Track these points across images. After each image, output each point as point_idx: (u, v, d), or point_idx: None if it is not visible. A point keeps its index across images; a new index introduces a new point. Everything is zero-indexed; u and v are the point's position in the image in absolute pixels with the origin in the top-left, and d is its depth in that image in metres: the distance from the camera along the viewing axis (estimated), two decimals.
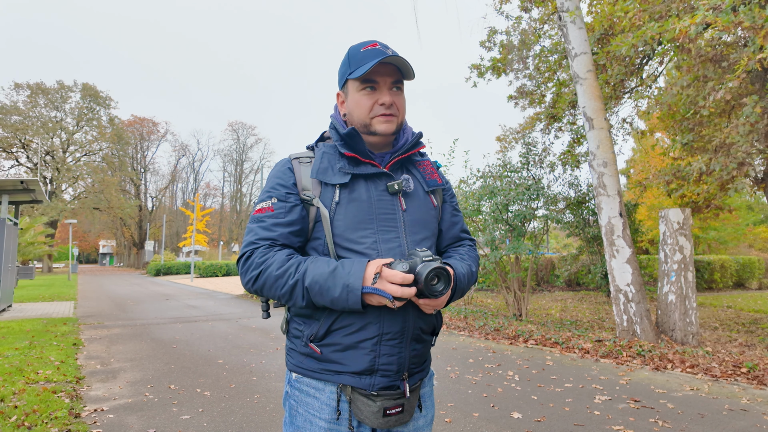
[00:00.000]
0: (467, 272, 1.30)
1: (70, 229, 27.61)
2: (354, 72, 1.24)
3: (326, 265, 1.12)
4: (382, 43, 1.25)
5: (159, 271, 31.30)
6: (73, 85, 40.56)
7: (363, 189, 1.24)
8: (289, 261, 1.15)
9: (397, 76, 1.26)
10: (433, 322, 1.30)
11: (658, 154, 16.67)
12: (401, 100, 1.29)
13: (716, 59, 6.71)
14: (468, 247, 1.43)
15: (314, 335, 1.19)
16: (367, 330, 1.16)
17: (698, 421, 3.66)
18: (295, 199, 1.24)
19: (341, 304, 1.10)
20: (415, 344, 1.23)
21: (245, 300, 13.83)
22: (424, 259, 1.11)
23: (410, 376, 1.23)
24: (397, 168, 1.32)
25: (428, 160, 1.40)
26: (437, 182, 1.36)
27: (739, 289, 17.33)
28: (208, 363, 5.64)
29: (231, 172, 57.92)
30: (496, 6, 10.57)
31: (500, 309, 10.30)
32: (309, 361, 1.22)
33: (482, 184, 9.17)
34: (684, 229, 6.52)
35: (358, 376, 1.17)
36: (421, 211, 1.29)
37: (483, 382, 4.79)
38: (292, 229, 1.21)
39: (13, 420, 3.45)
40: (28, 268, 26.04)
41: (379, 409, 1.16)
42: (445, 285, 1.12)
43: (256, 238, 1.20)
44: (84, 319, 9.42)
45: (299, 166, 1.28)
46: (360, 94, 1.26)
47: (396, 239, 1.22)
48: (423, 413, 1.31)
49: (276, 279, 1.13)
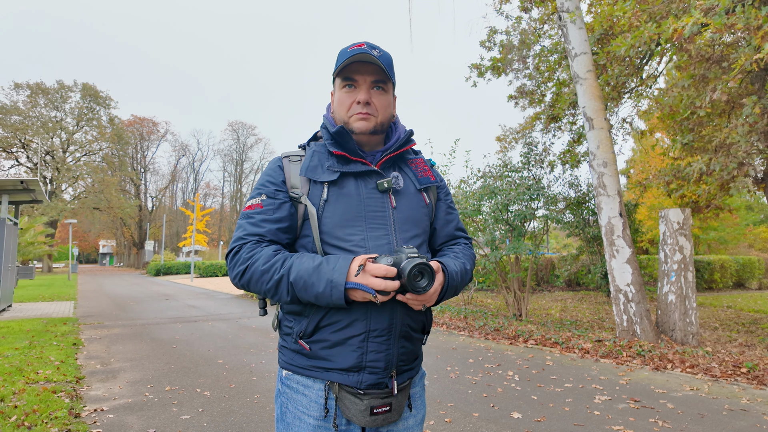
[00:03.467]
0: (460, 270, 1.29)
1: (70, 229, 27.62)
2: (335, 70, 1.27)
3: (311, 261, 1.13)
4: (370, 43, 1.26)
5: (159, 271, 31.29)
6: (73, 85, 40.58)
7: (352, 187, 1.24)
8: (275, 257, 1.16)
9: (380, 76, 1.26)
10: (422, 319, 1.29)
11: (658, 154, 16.67)
12: (382, 99, 1.29)
13: (716, 59, 6.71)
14: (463, 246, 1.43)
15: (303, 332, 1.20)
16: (354, 327, 1.17)
17: (698, 421, 3.66)
18: (283, 196, 1.25)
19: (325, 299, 1.10)
20: (403, 341, 1.23)
21: (245, 300, 13.82)
22: (410, 255, 1.12)
23: (399, 373, 1.23)
24: (388, 166, 1.33)
25: (421, 158, 1.40)
26: (430, 180, 1.36)
27: (739, 289, 17.33)
28: (208, 363, 5.64)
29: (231, 172, 57.98)
30: (496, 6, 10.57)
31: (500, 309, 10.30)
32: (299, 358, 1.23)
33: (482, 184, 9.17)
34: (684, 229, 6.53)
35: (345, 372, 1.18)
36: (411, 209, 1.30)
37: (483, 382, 4.80)
38: (280, 226, 1.22)
39: (13, 420, 3.45)
40: (28, 268, 26.05)
41: (366, 407, 1.16)
42: (429, 281, 1.12)
43: (245, 233, 1.21)
44: (84, 319, 9.42)
45: (289, 164, 1.29)
46: (342, 92, 1.28)
47: (385, 236, 1.22)
48: (413, 413, 1.31)
49: (262, 274, 1.14)
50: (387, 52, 1.28)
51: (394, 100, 1.36)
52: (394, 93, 1.36)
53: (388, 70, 1.24)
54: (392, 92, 1.34)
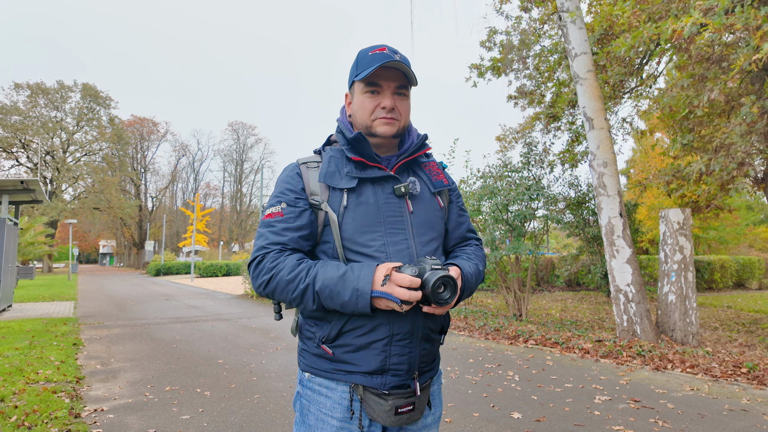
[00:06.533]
0: (474, 271, 1.32)
1: (70, 229, 27.61)
2: (359, 74, 1.26)
3: (336, 270, 1.15)
4: (390, 47, 1.27)
5: (159, 271, 31.30)
6: (73, 85, 40.60)
7: (370, 192, 1.26)
8: (299, 265, 1.17)
9: (402, 81, 1.27)
10: (442, 321, 1.32)
11: (658, 154, 16.67)
12: (404, 104, 1.30)
13: (715, 59, 6.70)
14: (474, 247, 1.45)
15: (326, 337, 1.22)
16: (378, 331, 1.19)
17: (698, 421, 3.66)
18: (303, 203, 1.25)
19: (351, 307, 1.12)
20: (424, 344, 1.25)
21: (245, 300, 13.83)
22: (433, 266, 1.13)
23: (420, 374, 1.26)
24: (403, 170, 1.34)
25: (434, 161, 1.41)
26: (443, 183, 1.37)
27: (739, 289, 17.33)
28: (208, 363, 5.64)
29: (231, 172, 57.98)
30: (496, 6, 10.57)
31: (500, 309, 10.30)
32: (321, 362, 1.24)
33: (482, 184, 9.17)
34: (684, 229, 6.52)
35: (369, 375, 1.20)
36: (427, 213, 1.31)
37: (483, 382, 4.80)
38: (302, 234, 1.23)
39: (13, 420, 3.45)
40: (28, 268, 26.04)
41: (390, 407, 1.18)
42: (452, 294, 1.14)
43: (267, 242, 1.22)
44: (84, 319, 9.42)
45: (307, 170, 1.30)
46: (364, 96, 1.28)
47: (404, 241, 1.24)
48: (432, 411, 1.34)
49: (287, 283, 1.16)
50: (405, 56, 1.29)
51: None
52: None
53: (411, 75, 1.25)
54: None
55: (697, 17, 4.79)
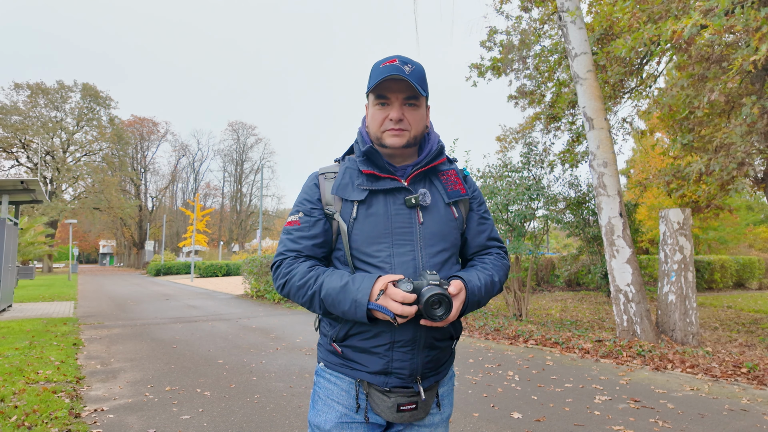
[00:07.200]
0: (485, 283, 1.29)
1: (70, 229, 27.61)
2: (369, 87, 1.29)
3: (339, 280, 1.21)
4: (402, 58, 1.27)
5: (159, 271, 31.31)
6: (73, 85, 40.62)
7: (381, 204, 1.29)
8: (309, 273, 1.26)
9: (411, 92, 1.27)
10: (449, 330, 1.32)
11: (658, 154, 16.65)
12: (414, 115, 1.30)
13: (715, 59, 6.71)
14: (495, 256, 1.43)
15: (336, 336, 1.30)
16: (380, 337, 1.24)
17: (698, 421, 3.66)
18: (318, 213, 1.33)
19: (350, 316, 1.19)
20: (428, 351, 1.27)
21: (245, 300, 13.83)
22: (431, 282, 1.15)
23: (423, 379, 1.29)
24: (419, 180, 1.34)
25: (454, 169, 1.40)
26: (459, 193, 1.36)
27: (739, 289, 17.33)
28: (208, 363, 5.64)
29: (231, 172, 57.98)
30: (496, 6, 10.57)
31: (500, 309, 10.30)
32: (332, 357, 1.34)
33: (482, 184, 9.17)
34: (684, 229, 6.52)
35: (374, 374, 1.26)
36: (439, 224, 1.31)
37: (483, 382, 4.80)
38: (316, 242, 1.32)
39: (13, 420, 3.45)
40: (28, 268, 26.04)
41: (393, 404, 1.24)
42: (446, 311, 1.14)
43: (285, 249, 1.33)
44: (84, 319, 9.42)
45: (324, 181, 1.36)
46: (375, 108, 1.31)
47: (410, 252, 1.26)
48: (440, 411, 1.36)
49: (298, 289, 1.26)
50: (419, 64, 1.29)
51: (427, 111, 1.37)
52: (427, 103, 1.36)
53: (418, 87, 1.25)
54: (425, 104, 1.34)
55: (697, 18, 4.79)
